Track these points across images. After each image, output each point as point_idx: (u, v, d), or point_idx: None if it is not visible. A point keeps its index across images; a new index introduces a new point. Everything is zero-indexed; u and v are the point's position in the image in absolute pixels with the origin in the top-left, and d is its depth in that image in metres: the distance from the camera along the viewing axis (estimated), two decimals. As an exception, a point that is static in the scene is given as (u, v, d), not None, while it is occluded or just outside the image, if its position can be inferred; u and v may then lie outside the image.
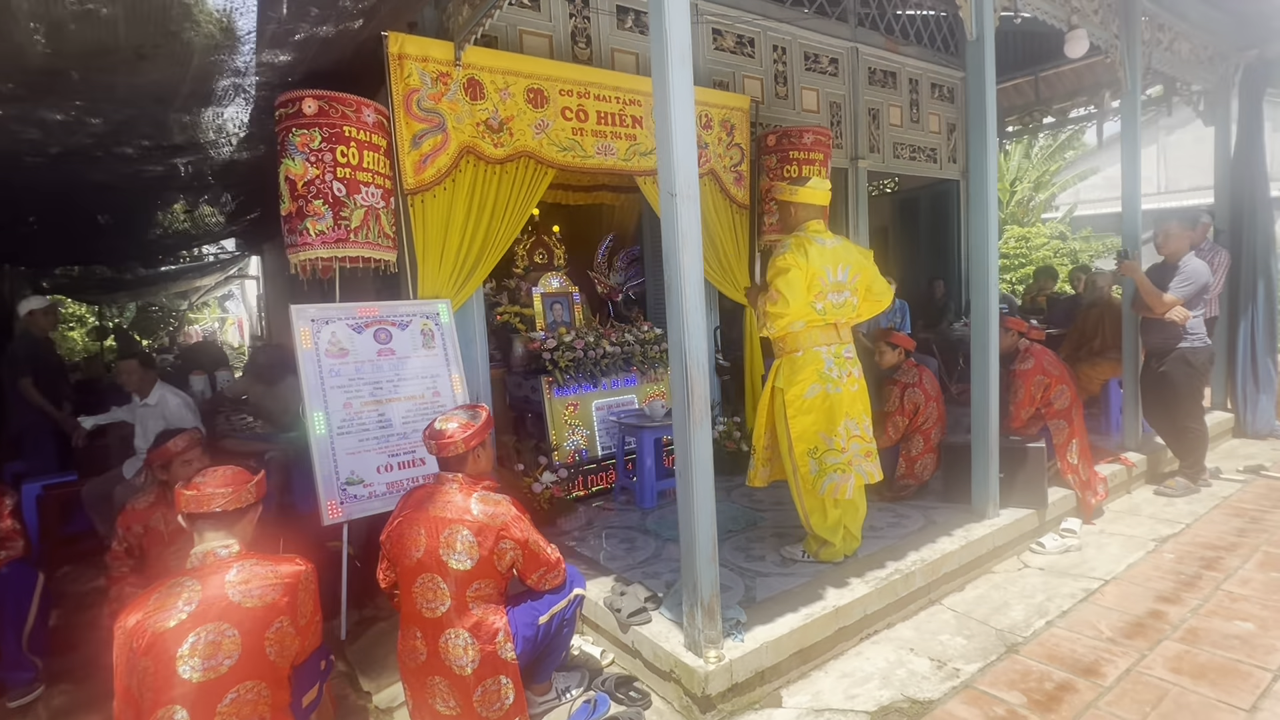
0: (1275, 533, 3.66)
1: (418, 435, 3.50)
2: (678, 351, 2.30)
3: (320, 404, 3.29)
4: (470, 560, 2.20)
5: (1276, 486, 4.41)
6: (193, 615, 1.77)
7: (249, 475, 1.99)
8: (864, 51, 6.26)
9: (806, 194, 3.05)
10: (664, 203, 2.28)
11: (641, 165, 4.52)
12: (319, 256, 3.35)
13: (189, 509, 1.91)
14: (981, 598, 3.12)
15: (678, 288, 2.27)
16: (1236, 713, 2.21)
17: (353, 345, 3.45)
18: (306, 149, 3.28)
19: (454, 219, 3.80)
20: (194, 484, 1.92)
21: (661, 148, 2.26)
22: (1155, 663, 2.52)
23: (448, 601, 2.19)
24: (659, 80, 2.23)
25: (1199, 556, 3.42)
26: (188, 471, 2.93)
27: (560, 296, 5.26)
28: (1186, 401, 4.26)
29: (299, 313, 3.36)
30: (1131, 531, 3.78)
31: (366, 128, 3.42)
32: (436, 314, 3.77)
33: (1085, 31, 3.93)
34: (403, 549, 2.26)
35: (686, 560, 2.38)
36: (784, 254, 3.00)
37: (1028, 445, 3.65)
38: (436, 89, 3.70)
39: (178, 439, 2.94)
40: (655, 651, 2.51)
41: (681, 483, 2.36)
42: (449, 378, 3.72)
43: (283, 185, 3.36)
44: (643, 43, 4.82)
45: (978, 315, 3.50)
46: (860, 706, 2.37)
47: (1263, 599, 2.95)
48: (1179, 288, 4.18)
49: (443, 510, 2.26)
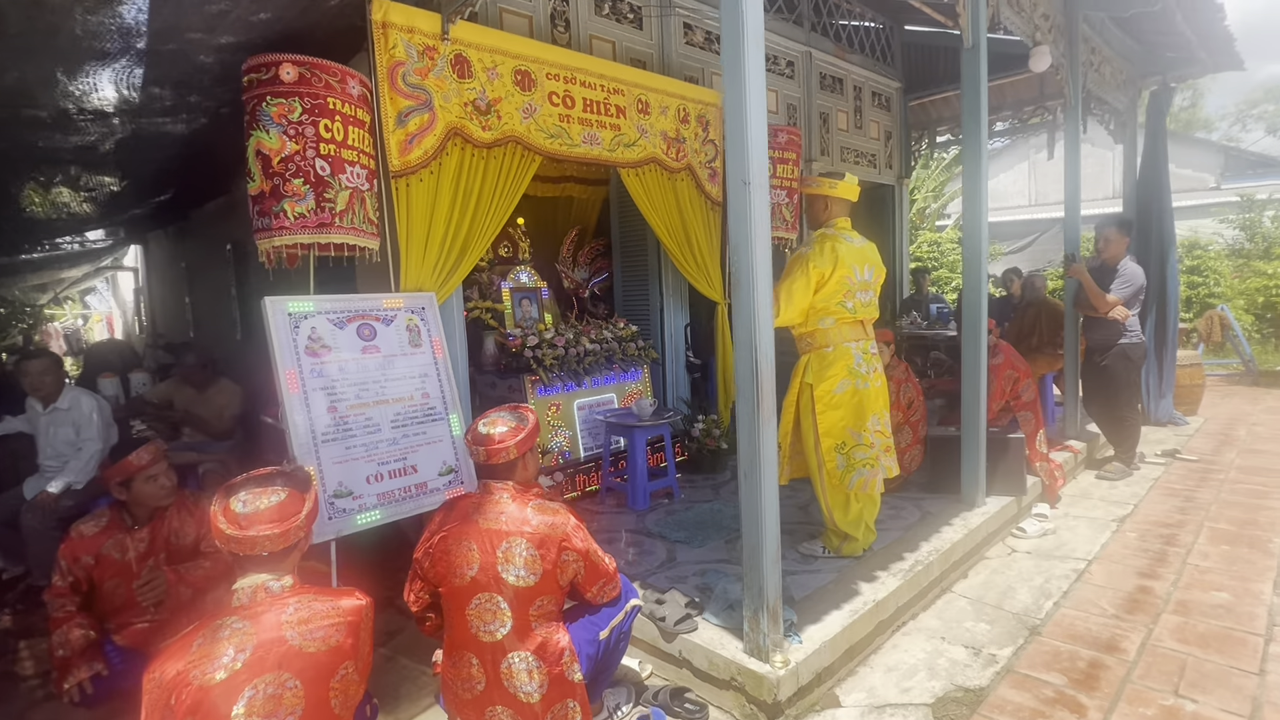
0: (1209, 509, 4.07)
1: (408, 441, 3.22)
2: (746, 347, 2.21)
3: (302, 408, 2.93)
4: (533, 575, 2.01)
5: (1194, 468, 4.92)
6: (248, 664, 1.48)
7: (299, 501, 1.70)
8: (816, 56, 6.42)
9: (845, 189, 3.05)
10: (735, 192, 2.18)
11: (625, 157, 4.39)
12: (298, 242, 2.99)
13: (231, 549, 1.60)
14: (986, 583, 3.25)
15: (748, 282, 2.18)
16: (1249, 676, 2.40)
17: (334, 342, 3.10)
18: (284, 120, 2.91)
19: (439, 206, 3.51)
20: (233, 518, 1.61)
21: (734, 133, 2.16)
22: (1163, 635, 2.70)
23: (509, 622, 1.98)
24: (732, 60, 2.13)
25: (1157, 534, 3.73)
26: (152, 489, 2.53)
27: (529, 292, 5.04)
28: (1125, 393, 4.67)
29: (273, 305, 2.98)
30: (1091, 514, 4.08)
31: (351, 101, 3.09)
32: (421, 309, 3.46)
33: (1048, 48, 4.20)
34: (450, 567, 2.03)
35: (751, 562, 2.29)
36: (805, 253, 2.99)
37: (1009, 436, 3.86)
38: (423, 63, 3.40)
39: (141, 452, 2.51)
40: (711, 660, 2.41)
41: (747, 483, 2.27)
42: (437, 378, 3.43)
43: (252, 161, 2.96)
44: (619, 31, 4.70)
45: (969, 315, 3.65)
46: (917, 699, 2.38)
47: (1226, 570, 3.25)
48: (1120, 289, 4.56)
49: (496, 522, 2.06)
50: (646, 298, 5.32)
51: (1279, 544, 3.52)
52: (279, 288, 6.40)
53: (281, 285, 6.05)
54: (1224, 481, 4.58)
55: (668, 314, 5.26)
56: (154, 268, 11.28)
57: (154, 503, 2.56)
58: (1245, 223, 12.36)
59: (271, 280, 3.23)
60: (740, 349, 2.23)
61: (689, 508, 4.00)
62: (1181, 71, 6.00)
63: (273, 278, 3.18)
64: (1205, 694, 2.31)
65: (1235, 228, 12.35)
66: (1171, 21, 5.05)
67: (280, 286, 6.08)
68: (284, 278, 6.03)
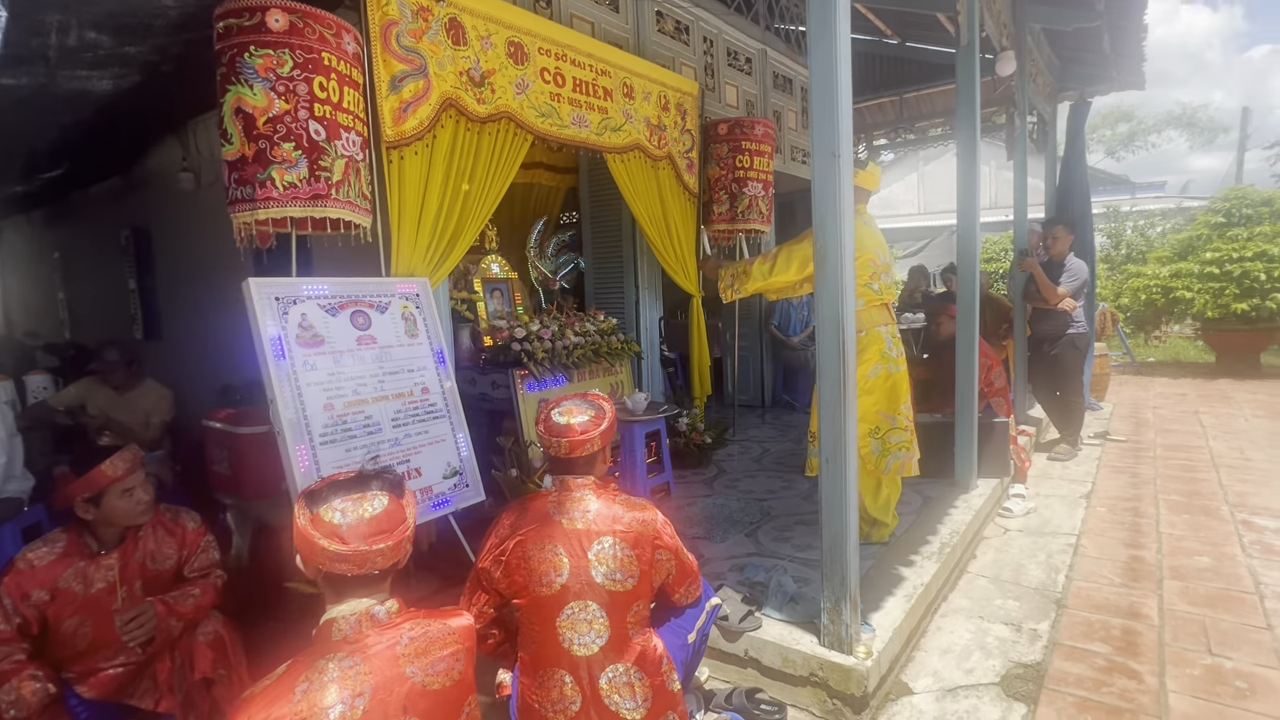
0: (1155, 483, 4.44)
1: (411, 442, 2.90)
2: (833, 325, 2.12)
3: (295, 406, 2.55)
4: (630, 578, 1.82)
5: (1126, 448, 5.38)
6: (368, 712, 1.22)
7: (401, 507, 1.42)
8: (771, 55, 6.50)
9: (865, 178, 3.05)
10: (822, 165, 2.08)
11: (611, 141, 4.22)
12: (287, 216, 2.60)
13: (335, 569, 1.31)
14: (996, 562, 3.35)
15: (836, 258, 2.09)
16: (1262, 631, 2.59)
17: (328, 331, 2.74)
18: (271, 75, 2.52)
19: (433, 184, 3.20)
20: (333, 531, 1.32)
21: (823, 101, 2.06)
22: (1174, 599, 2.88)
23: (606, 632, 1.78)
24: (820, 19, 2.03)
25: (1123, 508, 4.02)
26: (128, 506, 2.11)
27: (500, 283, 4.74)
28: (1073, 379, 5.02)
29: (258, 288, 2.57)
30: (1059, 492, 4.34)
31: (346, 58, 2.74)
32: (416, 295, 3.14)
33: (1013, 54, 4.45)
34: (533, 575, 1.80)
35: (833, 551, 2.21)
36: None
37: (994, 420, 4.02)
38: (417, 24, 3.08)
39: (115, 460, 2.07)
40: (785, 656, 2.30)
41: (830, 469, 2.18)
42: (435, 371, 3.12)
43: (229, 120, 2.55)
44: (598, 12, 4.51)
45: (963, 308, 3.77)
46: (983, 679, 2.38)
47: (1195, 537, 3.53)
48: (1068, 282, 4.90)
49: (583, 521, 1.85)
50: (621, 290, 5.16)
51: (1227, 511, 3.88)
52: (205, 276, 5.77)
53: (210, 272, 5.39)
54: (1156, 459, 5.02)
55: (643, 307, 5.13)
56: (8, 260, 9.77)
57: (128, 521, 2.13)
58: (1110, 231, 13.88)
59: (190, 268, 2.80)
60: (825, 326, 2.14)
61: (691, 503, 3.88)
62: (1094, 87, 6.58)
63: (190, 265, 2.75)
64: (1235, 651, 2.47)
65: (1104, 235, 13.81)
66: (1098, 39, 5.51)
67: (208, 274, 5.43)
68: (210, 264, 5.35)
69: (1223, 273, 8.46)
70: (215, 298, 5.12)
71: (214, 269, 5.07)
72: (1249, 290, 8.24)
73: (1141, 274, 9.70)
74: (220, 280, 5.04)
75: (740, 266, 3.25)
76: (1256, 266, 8.19)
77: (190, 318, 5.51)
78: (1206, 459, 4.97)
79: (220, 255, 4.97)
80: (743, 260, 3.20)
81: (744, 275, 3.22)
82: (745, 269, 3.22)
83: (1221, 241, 8.74)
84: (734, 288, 3.28)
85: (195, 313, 5.38)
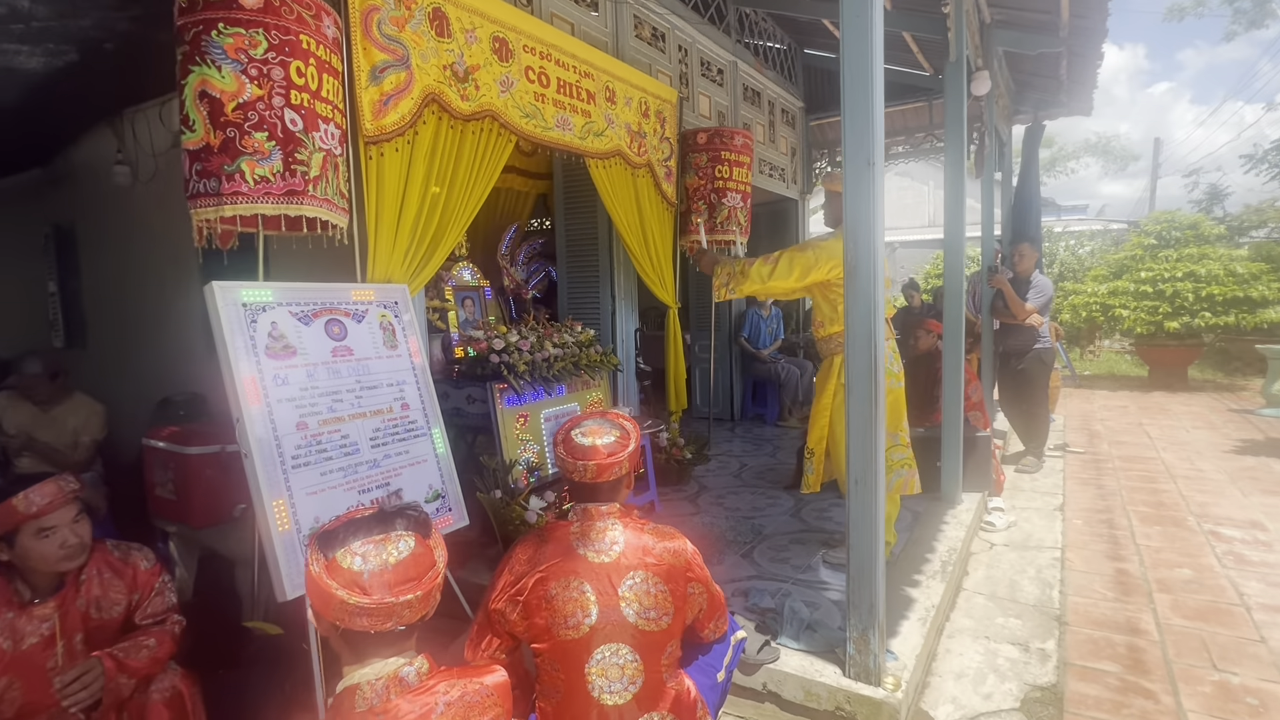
0: (1121, 495, 4.57)
1: (390, 463, 2.66)
2: (864, 340, 2.02)
3: (266, 425, 2.28)
4: (665, 616, 1.66)
5: (1086, 460, 5.54)
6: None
7: (429, 549, 1.22)
8: (741, 68, 6.50)
9: None
10: (855, 174, 1.99)
11: (594, 146, 4.07)
12: (258, 213, 2.34)
13: (356, 625, 1.10)
14: (989, 579, 3.33)
15: (868, 273, 2.00)
16: (1258, 644, 2.63)
17: (301, 342, 2.47)
18: (243, 56, 2.27)
19: (413, 184, 2.98)
20: (352, 580, 1.11)
21: (855, 106, 1.97)
22: (1167, 614, 2.90)
23: (640, 677, 1.61)
24: (853, 16, 1.94)
25: (1097, 520, 4.09)
26: (46, 549, 1.80)
27: (471, 291, 4.50)
28: (1040, 393, 5.14)
29: (223, 293, 2.30)
30: (1033, 504, 4.40)
31: (327, 43, 2.50)
32: (395, 303, 2.90)
33: (988, 73, 4.54)
34: (557, 616, 1.62)
35: (861, 577, 2.10)
36: (824, 241, 2.94)
37: (977, 435, 4.04)
38: (400, 12, 2.87)
39: (30, 494, 1.77)
40: (808, 690, 2.17)
41: (859, 490, 2.08)
42: (416, 385, 2.88)
43: (192, 106, 2.27)
44: (578, 13, 4.36)
45: (949, 324, 3.78)
46: (1005, 705, 2.32)
47: (1171, 548, 3.61)
48: (1035, 298, 5.02)
49: (610, 554, 1.68)
50: (596, 301, 4.99)
51: (1193, 521, 4.00)
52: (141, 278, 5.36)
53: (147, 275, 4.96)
54: (1116, 470, 5.19)
55: (619, 318, 4.97)
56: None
57: (48, 567, 1.81)
58: (1045, 251, 14.60)
59: (123, 269, 2.51)
60: (856, 343, 2.04)
61: (680, 523, 3.70)
62: (1047, 111, 6.85)
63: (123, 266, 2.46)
64: (1238, 666, 2.49)
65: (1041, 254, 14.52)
66: (1055, 65, 5.72)
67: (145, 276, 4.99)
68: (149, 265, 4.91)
69: (1155, 291, 8.95)
70: (153, 302, 4.69)
71: (153, 271, 4.64)
72: (1180, 308, 8.74)
73: (1081, 291, 10.19)
74: (160, 283, 4.62)
75: (739, 266, 3.11)
76: (1186, 286, 8.71)
77: (121, 324, 5.03)
78: (1162, 470, 5.16)
79: (161, 256, 4.56)
80: (740, 259, 3.08)
81: (741, 275, 3.07)
82: (744, 269, 3.07)
83: (1154, 262, 9.27)
84: (729, 286, 3.12)
85: (128, 319, 4.91)
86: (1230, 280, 8.70)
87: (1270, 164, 12.92)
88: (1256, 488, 4.64)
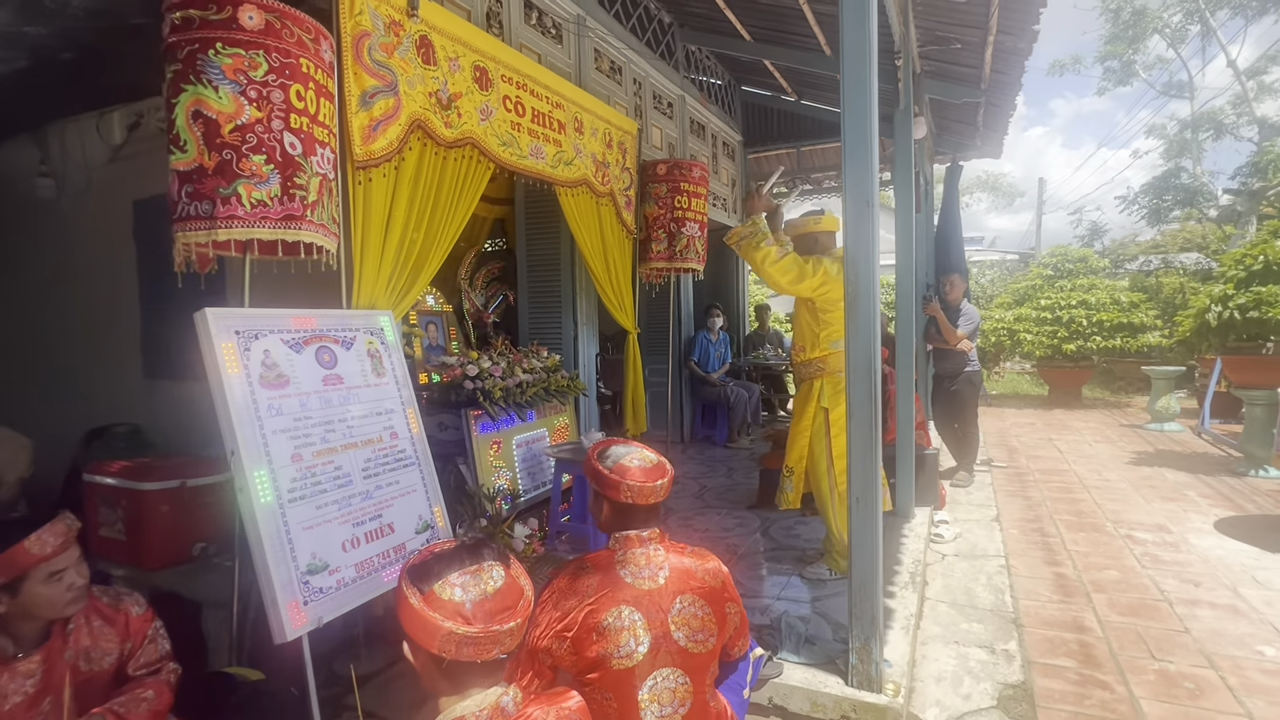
0: (1046, 505, 4.99)
1: (383, 494, 2.60)
2: (863, 368, 2.18)
3: (261, 459, 2.19)
4: (711, 637, 1.72)
5: (1009, 473, 6.02)
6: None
7: (515, 581, 1.24)
8: (688, 101, 6.76)
9: (829, 222, 3.21)
10: (856, 215, 2.15)
11: (564, 175, 4.13)
12: (254, 238, 2.26)
13: (462, 655, 1.11)
14: (946, 587, 3.57)
15: (867, 306, 2.16)
16: (1184, 634, 2.96)
17: (293, 370, 2.40)
18: (242, 77, 2.21)
19: (397, 209, 2.95)
20: (456, 611, 1.12)
21: (855, 150, 2.14)
22: (1105, 611, 3.21)
23: (689, 699, 1.66)
24: (854, 49, 2.12)
25: (1030, 529, 4.46)
26: (55, 593, 1.68)
27: (434, 316, 4.45)
28: (971, 412, 5.55)
29: (216, 320, 2.20)
30: (972, 516, 4.75)
31: (324, 68, 2.47)
32: (380, 329, 2.85)
33: (925, 119, 4.95)
34: (610, 646, 1.64)
35: (863, 590, 2.23)
36: (823, 261, 3.09)
37: (925, 453, 4.33)
38: (389, 39, 2.86)
39: (43, 534, 1.64)
40: (814, 701, 2.27)
41: (860, 508, 2.22)
42: (404, 414, 2.83)
43: (184, 126, 2.19)
44: (544, 44, 4.45)
45: (902, 346, 4.06)
46: (983, 704, 2.50)
47: (1097, 552, 3.99)
48: (965, 325, 5.45)
49: (654, 580, 1.72)
50: (559, 326, 5.01)
51: (1111, 527, 4.44)
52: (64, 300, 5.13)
53: (71, 296, 4.69)
54: (1038, 482, 5.66)
55: (581, 343, 5.02)
56: None
57: (54, 613, 1.69)
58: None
59: (41, 290, 2.41)
60: (856, 372, 2.19)
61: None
62: (962, 153, 7.49)
63: (42, 286, 2.34)
64: (1171, 654, 2.79)
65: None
66: (974, 113, 6.29)
67: (70, 298, 4.72)
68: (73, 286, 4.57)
69: (1054, 318, 9.87)
70: (84, 325, 4.33)
71: (82, 292, 4.30)
72: (1075, 332, 9.67)
73: (989, 317, 11.07)
74: (90, 305, 4.28)
75: (763, 234, 3.05)
76: (1080, 313, 9.65)
77: (36, 349, 4.61)
78: (1076, 481, 5.68)
79: (93, 276, 4.23)
80: (767, 233, 3.05)
81: (759, 240, 3.03)
82: (763, 241, 3.03)
83: (1052, 290, 10.22)
84: (746, 241, 3.07)
85: (48, 343, 4.51)
86: (1115, 308, 9.73)
87: (1140, 205, 14.57)
88: (1156, 495, 5.19)
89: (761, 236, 3.03)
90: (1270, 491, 5.24)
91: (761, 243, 3.02)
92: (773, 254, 2.99)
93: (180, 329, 3.90)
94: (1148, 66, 16.25)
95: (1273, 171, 11.28)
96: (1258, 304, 5.54)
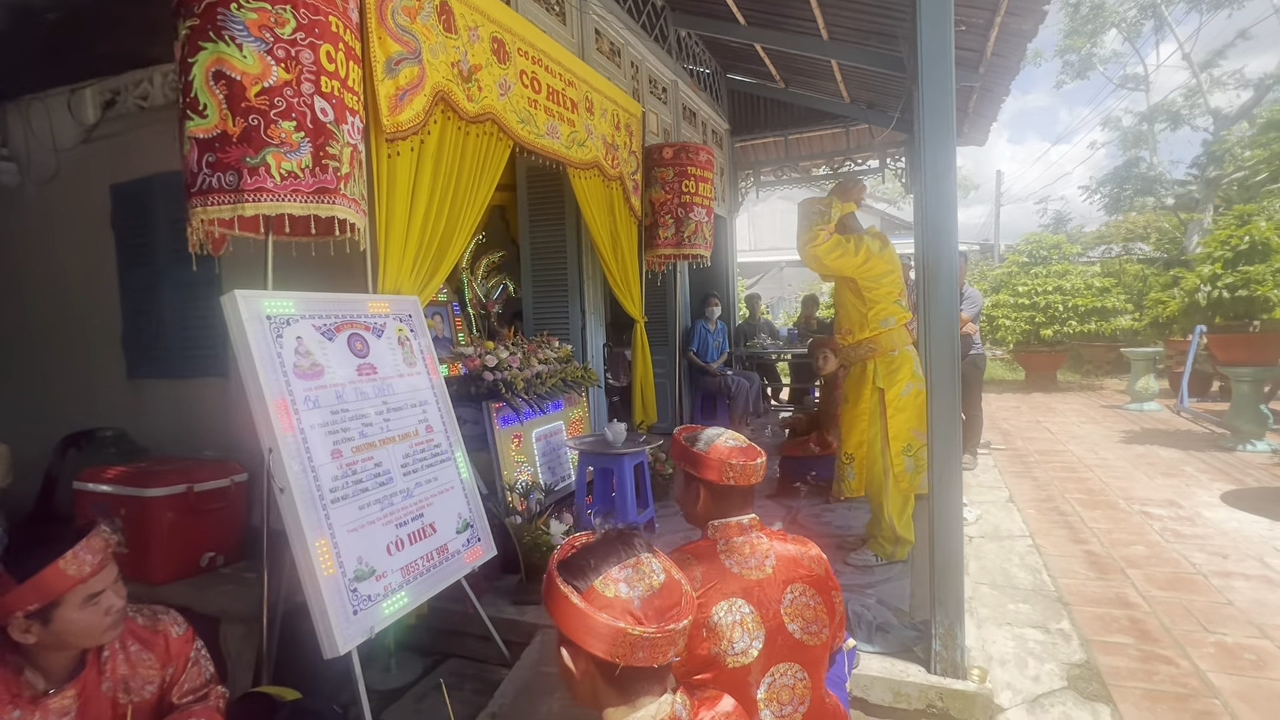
0: (1054, 485, 5.04)
1: (423, 491, 2.43)
2: (947, 350, 2.09)
3: (302, 455, 1.99)
4: (825, 628, 1.60)
5: (1010, 455, 6.07)
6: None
7: (673, 577, 1.10)
8: (681, 87, 6.64)
9: (850, 205, 3.14)
10: (935, 188, 2.06)
11: (577, 156, 3.97)
12: (284, 213, 2.05)
13: (635, 659, 0.97)
14: (983, 569, 3.53)
15: (948, 281, 2.07)
16: (1229, 606, 2.97)
17: (327, 359, 2.20)
18: (268, 35, 2.00)
19: (420, 187, 2.76)
20: (625, 609, 0.98)
21: (935, 136, 2.05)
22: (1145, 586, 3.21)
23: (808, 696, 1.55)
24: (934, 45, 2.03)
25: (1046, 508, 4.48)
26: (91, 618, 1.47)
27: (440, 307, 4.22)
28: (974, 395, 5.56)
29: (245, 303, 1.99)
30: (986, 498, 4.75)
31: (353, 28, 2.27)
32: (409, 316, 2.66)
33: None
34: (722, 642, 1.50)
35: (945, 572, 2.15)
36: (864, 240, 3.05)
37: (946, 435, 4.30)
38: (412, 1, 2.65)
39: (80, 552, 1.43)
40: (897, 691, 2.18)
41: (939, 492, 2.13)
42: (437, 405, 2.64)
43: (202, 88, 1.98)
44: (548, 20, 4.25)
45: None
46: (1054, 685, 2.45)
47: (1119, 529, 4.01)
48: (968, 308, 5.45)
49: (762, 569, 1.60)
50: (566, 316, 4.84)
51: (1124, 504, 4.49)
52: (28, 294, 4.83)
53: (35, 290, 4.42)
54: (1040, 463, 5.72)
55: (589, 333, 4.85)
56: None
57: (90, 641, 1.48)
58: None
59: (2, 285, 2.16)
60: (938, 346, 2.11)
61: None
62: (951, 140, 7.52)
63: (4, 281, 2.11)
64: (1223, 627, 2.79)
65: (919, 272, 15.90)
66: (966, 98, 6.31)
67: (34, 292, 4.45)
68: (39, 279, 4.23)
69: (1031, 304, 10.07)
70: (48, 324, 3.98)
71: (53, 285, 3.95)
72: (1052, 318, 9.88)
73: (966, 304, 11.28)
74: (65, 300, 3.93)
75: (830, 218, 3.07)
76: (1056, 299, 9.87)
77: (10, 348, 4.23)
78: (1076, 460, 5.76)
79: (66, 266, 3.89)
80: (833, 219, 3.06)
81: (823, 222, 3.05)
82: (827, 223, 3.05)
83: (1028, 277, 10.43)
84: (819, 217, 3.08)
85: (10, 345, 4.13)
86: (1089, 293, 9.98)
87: (1102, 194, 15.03)
88: (1156, 471, 5.29)
89: (827, 220, 3.02)
90: (1261, 465, 5.39)
91: (821, 224, 2.98)
92: (823, 235, 2.95)
93: (167, 324, 3.67)
94: (1104, 60, 16.77)
95: (1228, 161, 11.74)
96: (1246, 282, 5.69)
